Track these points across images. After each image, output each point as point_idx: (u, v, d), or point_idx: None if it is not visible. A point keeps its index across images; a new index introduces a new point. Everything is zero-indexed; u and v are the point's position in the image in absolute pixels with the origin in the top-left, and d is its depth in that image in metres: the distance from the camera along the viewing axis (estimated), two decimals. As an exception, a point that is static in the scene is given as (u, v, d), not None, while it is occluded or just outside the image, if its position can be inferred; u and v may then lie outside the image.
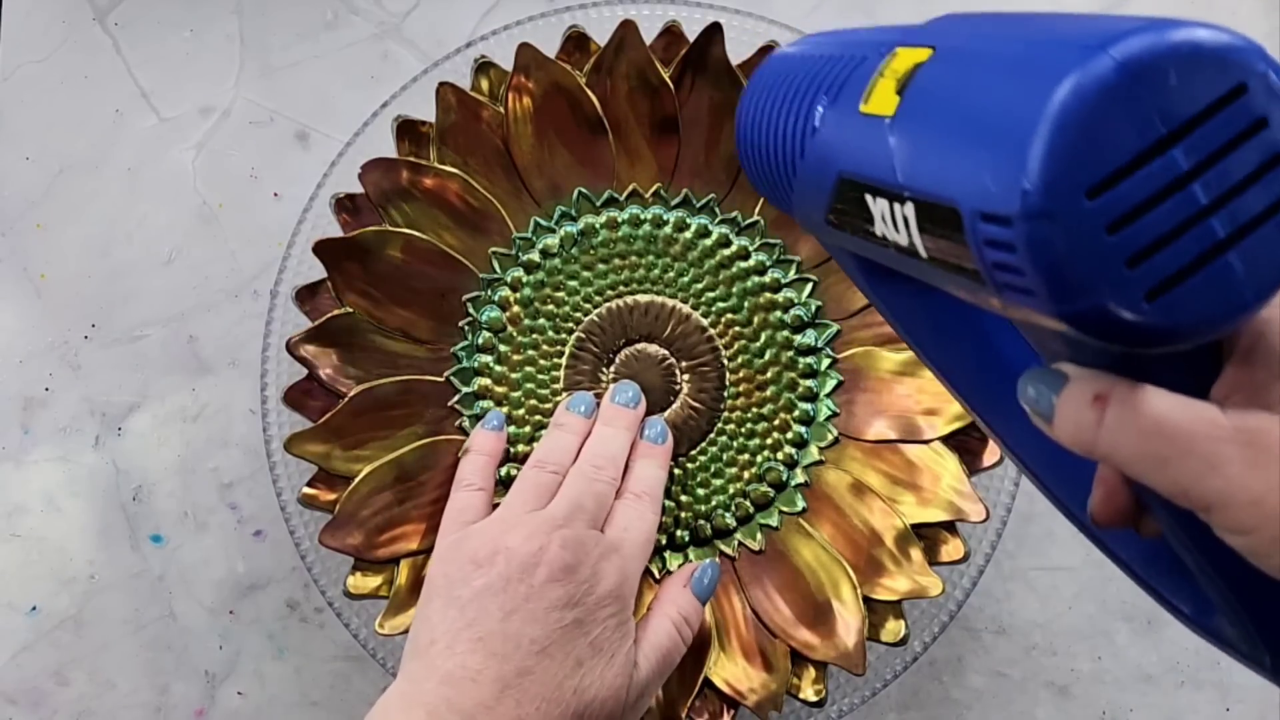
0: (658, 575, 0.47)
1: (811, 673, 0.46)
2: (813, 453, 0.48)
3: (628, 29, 0.46)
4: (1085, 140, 0.19)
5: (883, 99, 0.25)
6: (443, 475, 0.46)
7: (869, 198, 0.25)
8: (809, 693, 0.45)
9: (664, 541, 0.47)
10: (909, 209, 0.23)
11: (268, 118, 0.56)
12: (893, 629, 0.45)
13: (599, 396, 0.47)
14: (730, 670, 0.45)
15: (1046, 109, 0.19)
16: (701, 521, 0.48)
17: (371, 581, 0.46)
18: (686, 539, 0.48)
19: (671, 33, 0.48)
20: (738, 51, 0.48)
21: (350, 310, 0.46)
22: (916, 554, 0.45)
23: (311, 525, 0.47)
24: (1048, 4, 0.57)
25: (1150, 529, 0.27)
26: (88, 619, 0.53)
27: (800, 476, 0.48)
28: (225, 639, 0.53)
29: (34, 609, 0.53)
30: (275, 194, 0.56)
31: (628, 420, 0.46)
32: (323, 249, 0.45)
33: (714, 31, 0.46)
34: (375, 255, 0.46)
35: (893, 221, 0.24)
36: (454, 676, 0.38)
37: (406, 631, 0.43)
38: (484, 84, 0.49)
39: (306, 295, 0.47)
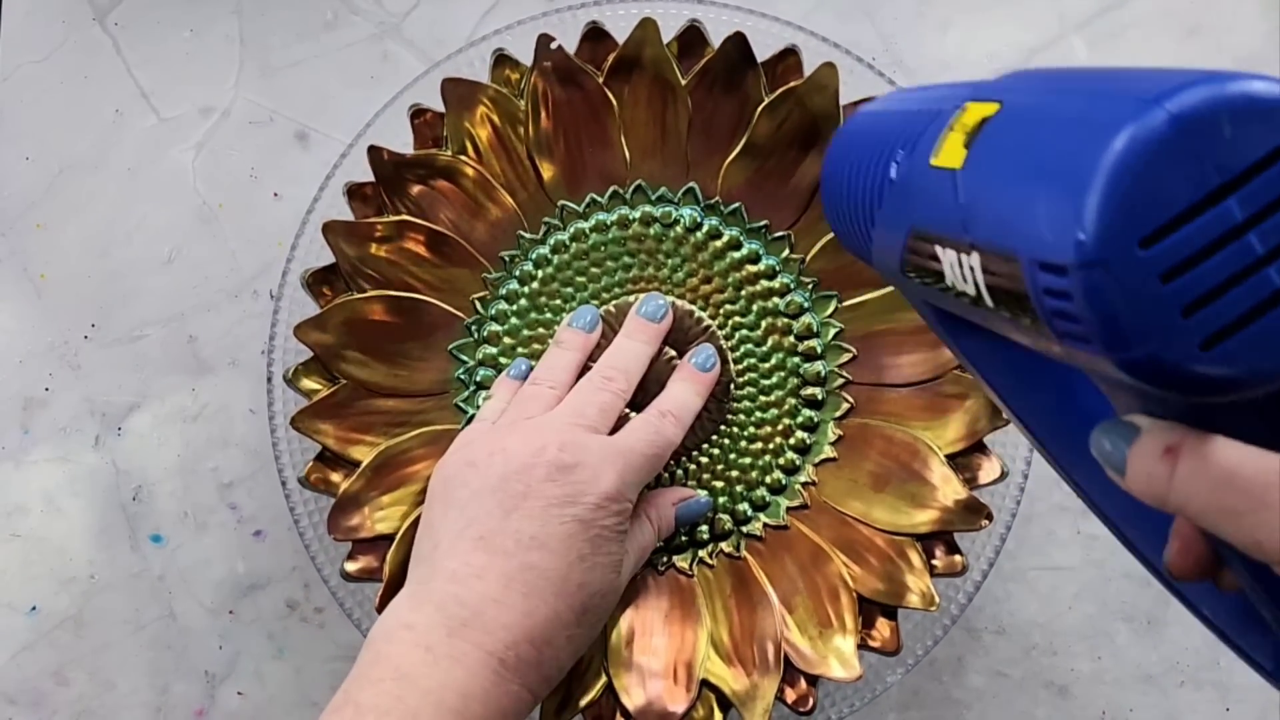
0: (663, 567, 0.47)
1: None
2: (828, 434, 0.48)
3: (540, 42, 0.47)
4: (1139, 191, 0.20)
5: (951, 152, 0.25)
6: None
7: (939, 249, 0.26)
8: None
9: (684, 540, 0.47)
10: (974, 259, 0.24)
11: (267, 118, 0.56)
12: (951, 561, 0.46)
13: (620, 310, 0.47)
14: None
15: (1101, 161, 0.20)
16: (722, 515, 0.48)
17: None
18: (706, 535, 0.48)
19: (597, 30, 0.48)
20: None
21: (345, 383, 0.46)
22: (952, 478, 0.46)
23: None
24: (1049, 17, 0.57)
25: (1229, 583, 0.26)
26: (88, 619, 0.53)
27: (826, 450, 0.48)
28: (225, 639, 0.53)
29: (34, 609, 0.53)
30: (275, 194, 0.56)
31: (649, 334, 0.46)
32: (303, 331, 0.46)
33: (646, 25, 0.46)
34: (358, 323, 0.47)
35: (960, 272, 0.25)
36: (459, 575, 0.38)
37: None
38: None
39: (301, 373, 0.47)
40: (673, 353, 0.48)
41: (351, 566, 0.46)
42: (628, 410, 0.46)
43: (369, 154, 0.46)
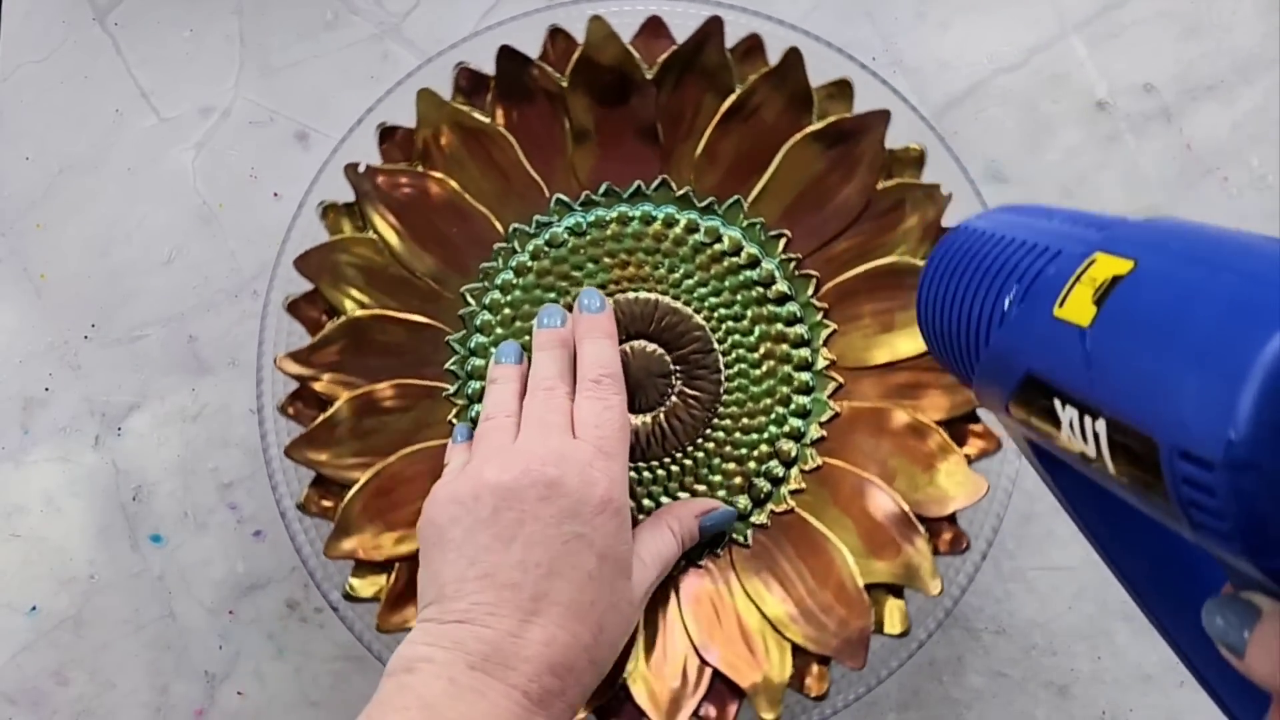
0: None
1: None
2: (824, 411, 0.48)
3: (501, 53, 0.47)
4: None
5: (1079, 307, 0.24)
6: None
7: (1058, 403, 0.24)
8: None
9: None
10: (1101, 425, 0.23)
11: (268, 118, 0.56)
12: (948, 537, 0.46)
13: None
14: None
15: (1259, 358, 0.19)
16: (740, 498, 0.48)
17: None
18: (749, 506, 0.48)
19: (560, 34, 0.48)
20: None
21: (339, 406, 0.46)
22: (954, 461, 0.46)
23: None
24: (1049, 17, 0.57)
25: None
26: (88, 619, 0.53)
27: (816, 431, 0.48)
28: (225, 639, 0.53)
29: (34, 609, 0.53)
30: (275, 194, 0.56)
31: (555, 340, 0.45)
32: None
33: (596, 24, 0.46)
34: (364, 338, 0.47)
35: (1081, 432, 0.23)
36: (471, 615, 0.37)
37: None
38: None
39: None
40: (659, 349, 0.48)
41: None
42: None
43: (345, 171, 0.47)
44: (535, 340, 0.46)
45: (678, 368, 0.48)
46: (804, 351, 0.48)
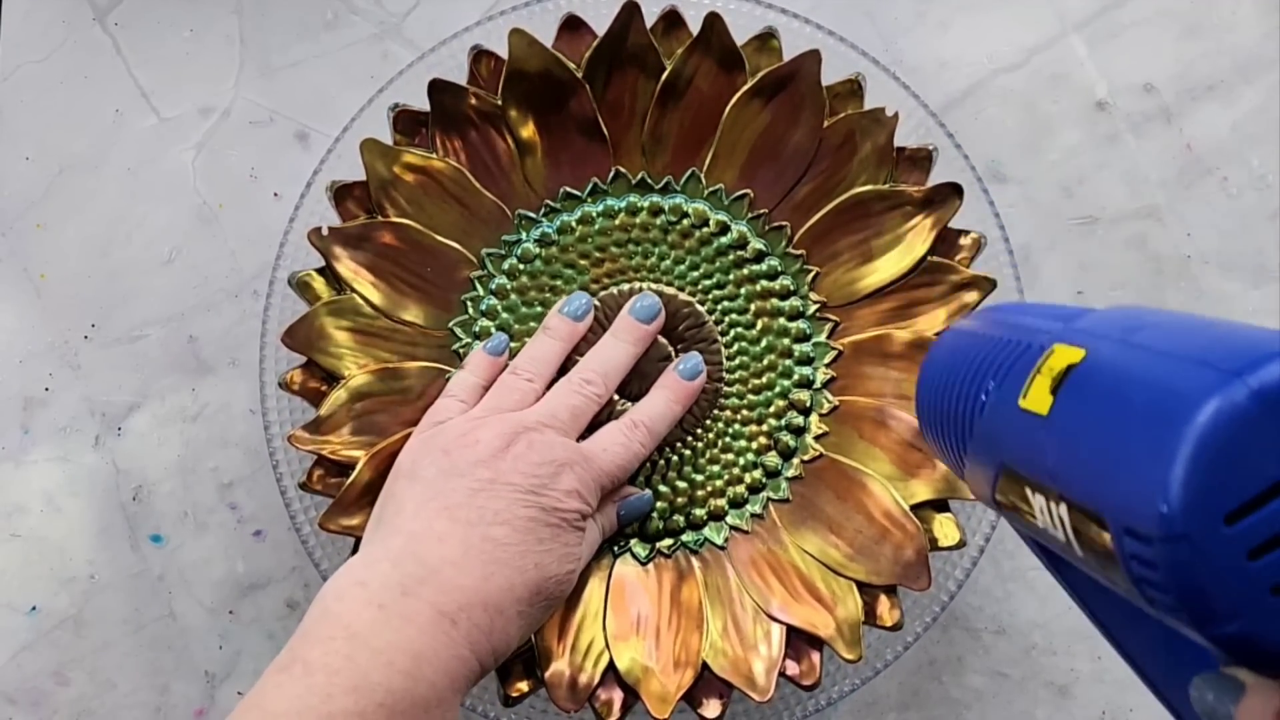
0: (643, 558, 0.47)
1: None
2: (827, 353, 0.49)
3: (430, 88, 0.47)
4: (1222, 466, 0.20)
5: (1039, 397, 0.25)
6: None
7: (1029, 491, 0.26)
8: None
9: (682, 523, 0.48)
10: (1063, 510, 0.24)
11: (268, 118, 0.56)
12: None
13: (607, 303, 0.48)
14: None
15: (1184, 434, 0.20)
16: (736, 488, 0.48)
17: None
18: (705, 517, 0.48)
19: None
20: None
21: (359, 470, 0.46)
22: None
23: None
24: (1049, 17, 0.57)
25: None
26: (88, 619, 0.53)
27: (825, 406, 0.49)
28: (225, 639, 0.53)
29: (34, 609, 0.53)
30: (275, 194, 0.56)
31: (638, 335, 0.46)
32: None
33: (517, 36, 0.47)
34: (367, 396, 0.47)
35: (1050, 518, 0.25)
36: (420, 535, 0.39)
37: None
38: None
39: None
40: (664, 342, 0.48)
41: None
42: (617, 398, 0.46)
43: (309, 238, 0.47)
44: (618, 324, 0.46)
45: (676, 347, 0.48)
46: (793, 301, 0.49)
